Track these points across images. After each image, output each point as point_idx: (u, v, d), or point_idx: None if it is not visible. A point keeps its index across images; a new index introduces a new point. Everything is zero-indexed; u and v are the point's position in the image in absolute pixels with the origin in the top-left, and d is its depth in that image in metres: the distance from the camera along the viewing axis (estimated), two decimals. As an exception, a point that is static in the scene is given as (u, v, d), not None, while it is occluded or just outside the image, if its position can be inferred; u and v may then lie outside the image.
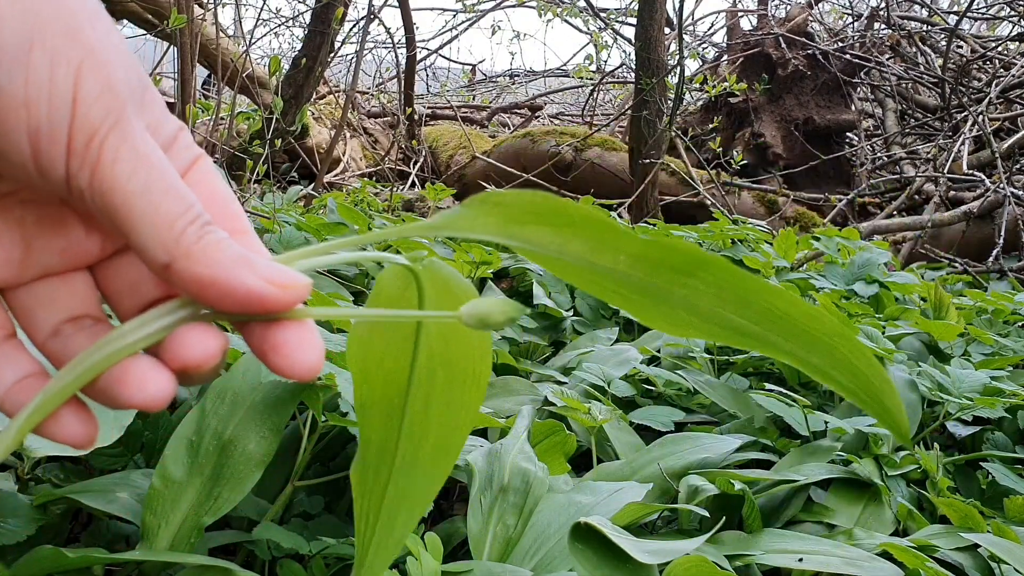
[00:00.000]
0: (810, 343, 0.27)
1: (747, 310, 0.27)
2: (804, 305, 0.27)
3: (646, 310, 0.28)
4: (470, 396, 0.34)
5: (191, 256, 0.26)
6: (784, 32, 4.11)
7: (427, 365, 0.34)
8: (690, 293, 0.27)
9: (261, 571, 0.68)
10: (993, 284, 2.45)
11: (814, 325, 0.27)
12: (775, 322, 0.27)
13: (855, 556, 0.72)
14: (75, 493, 0.63)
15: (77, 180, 0.26)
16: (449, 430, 0.35)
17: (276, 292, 0.27)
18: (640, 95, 2.96)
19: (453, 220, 0.28)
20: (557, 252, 0.27)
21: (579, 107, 5.85)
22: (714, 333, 0.28)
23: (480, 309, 0.28)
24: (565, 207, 0.27)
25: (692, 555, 0.62)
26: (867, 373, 0.28)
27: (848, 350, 0.27)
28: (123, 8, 3.42)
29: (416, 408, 0.34)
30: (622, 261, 0.27)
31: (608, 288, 0.28)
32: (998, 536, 0.79)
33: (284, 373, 0.28)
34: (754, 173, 3.87)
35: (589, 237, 0.27)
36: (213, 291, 0.26)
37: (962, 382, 1.11)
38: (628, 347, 1.26)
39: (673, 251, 0.27)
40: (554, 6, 5.32)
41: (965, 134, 3.33)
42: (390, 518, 0.36)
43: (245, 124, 2.68)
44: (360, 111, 4.82)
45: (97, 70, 0.26)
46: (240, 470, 0.64)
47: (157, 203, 0.26)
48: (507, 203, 0.27)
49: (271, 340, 0.28)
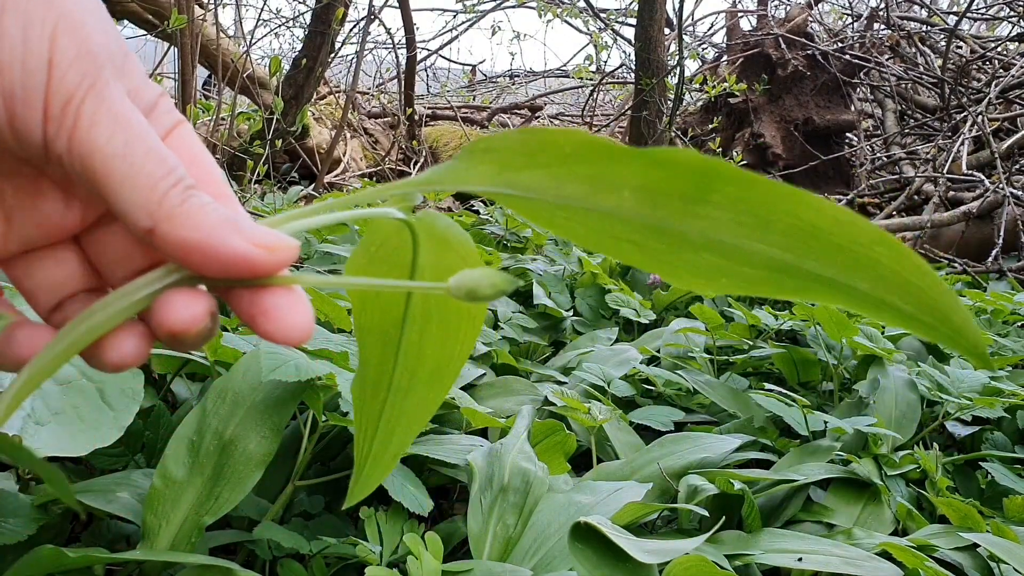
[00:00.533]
0: (851, 261, 0.23)
1: (772, 232, 0.23)
2: (831, 208, 0.23)
3: (665, 259, 0.25)
4: (465, 332, 0.34)
5: (174, 219, 0.26)
6: (784, 32, 4.11)
7: (422, 303, 0.33)
8: (707, 225, 0.24)
9: (262, 571, 0.68)
10: (992, 284, 2.46)
11: (848, 232, 0.23)
12: (805, 241, 0.23)
13: (854, 556, 0.72)
14: (76, 493, 0.63)
15: (55, 145, 0.25)
16: (444, 361, 0.35)
17: (263, 255, 0.26)
18: (640, 95, 2.96)
19: (445, 174, 0.27)
20: (555, 196, 0.25)
21: (579, 107, 5.85)
22: (747, 277, 0.24)
23: (468, 280, 0.26)
24: (556, 138, 0.25)
25: (692, 554, 0.62)
26: (922, 285, 0.23)
27: (894, 260, 0.23)
28: (123, 8, 3.42)
29: (412, 340, 0.34)
30: (626, 198, 0.24)
31: (617, 236, 0.25)
32: (997, 536, 0.79)
33: (274, 338, 0.27)
34: (754, 173, 3.86)
35: (587, 171, 0.25)
36: (198, 255, 0.26)
37: (961, 382, 1.11)
38: (628, 347, 1.26)
39: (679, 169, 0.23)
40: (554, 7, 5.32)
41: (964, 134, 3.33)
42: (386, 435, 0.37)
43: (246, 124, 2.68)
44: (360, 111, 4.82)
45: (72, 33, 0.26)
46: (241, 470, 0.65)
47: (138, 166, 0.26)
48: (499, 147, 0.26)
49: (260, 305, 0.27)
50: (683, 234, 0.24)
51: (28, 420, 0.56)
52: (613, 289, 1.51)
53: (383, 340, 0.34)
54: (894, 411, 1.08)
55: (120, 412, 0.58)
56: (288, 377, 0.65)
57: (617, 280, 1.59)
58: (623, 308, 1.45)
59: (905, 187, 3.68)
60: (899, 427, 1.06)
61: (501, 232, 1.90)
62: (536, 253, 1.80)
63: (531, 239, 1.88)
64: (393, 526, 0.69)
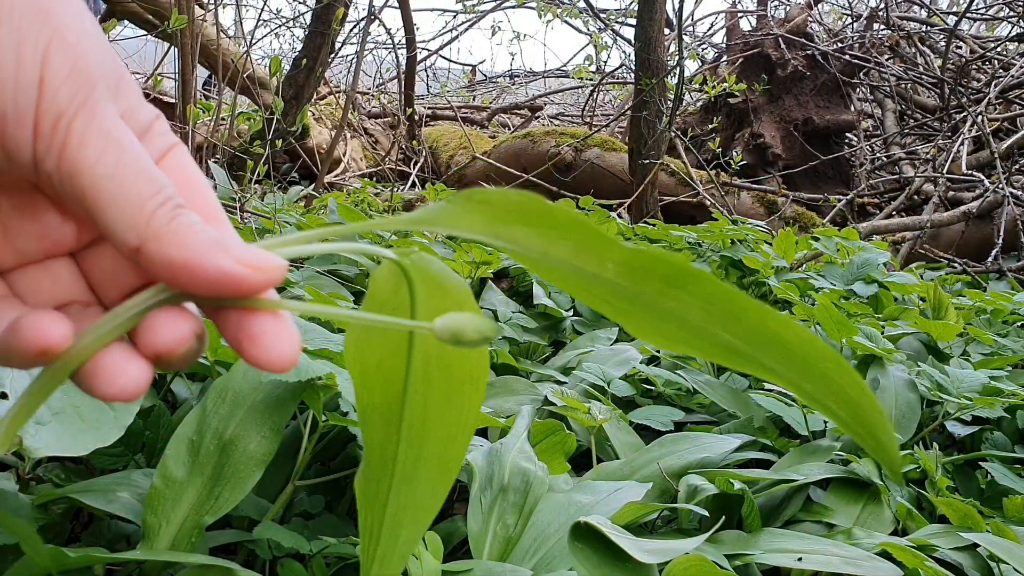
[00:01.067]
0: (803, 367, 0.26)
1: (737, 327, 0.26)
2: (796, 326, 0.26)
3: (636, 320, 0.27)
4: (468, 399, 0.33)
5: (162, 238, 0.26)
6: (783, 33, 4.11)
7: (423, 368, 0.33)
8: (679, 306, 0.26)
9: (262, 570, 0.68)
10: (992, 284, 2.46)
11: (807, 349, 0.26)
12: (766, 342, 0.26)
13: (854, 555, 0.72)
14: (76, 493, 0.63)
15: (44, 163, 0.25)
16: (449, 435, 0.34)
17: (251, 274, 0.26)
18: (640, 95, 2.96)
19: (437, 215, 0.27)
20: (541, 254, 0.27)
21: (579, 107, 5.85)
22: (706, 349, 0.27)
23: (454, 324, 0.27)
24: (550, 209, 0.26)
25: (691, 554, 0.62)
26: (860, 402, 0.27)
27: (841, 377, 0.26)
28: (124, 9, 3.42)
29: (415, 412, 0.33)
30: (609, 268, 0.26)
31: (596, 295, 0.27)
32: (997, 536, 0.79)
33: (259, 364, 0.27)
34: (753, 173, 3.87)
35: (574, 241, 0.26)
36: (185, 274, 0.26)
37: (961, 382, 1.11)
38: (628, 347, 1.26)
39: (659, 260, 0.26)
40: (554, 7, 5.32)
41: (964, 134, 3.33)
42: (393, 530, 0.35)
43: (246, 124, 2.68)
44: (360, 112, 4.82)
45: (66, 51, 0.25)
46: (241, 470, 0.65)
47: (127, 185, 0.25)
48: (492, 202, 0.26)
49: (247, 330, 0.27)
50: (657, 306, 0.27)
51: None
52: (613, 289, 1.51)
53: (385, 418, 0.34)
54: (894, 411, 1.08)
55: (120, 412, 0.58)
56: (288, 377, 0.65)
57: (617, 280, 1.59)
58: (623, 308, 1.45)
59: (905, 187, 3.68)
60: (899, 427, 1.06)
61: (501, 232, 1.90)
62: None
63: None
64: (393, 526, 0.69)
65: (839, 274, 1.65)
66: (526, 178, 3.73)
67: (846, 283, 1.62)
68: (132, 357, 0.26)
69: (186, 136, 2.24)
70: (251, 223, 1.46)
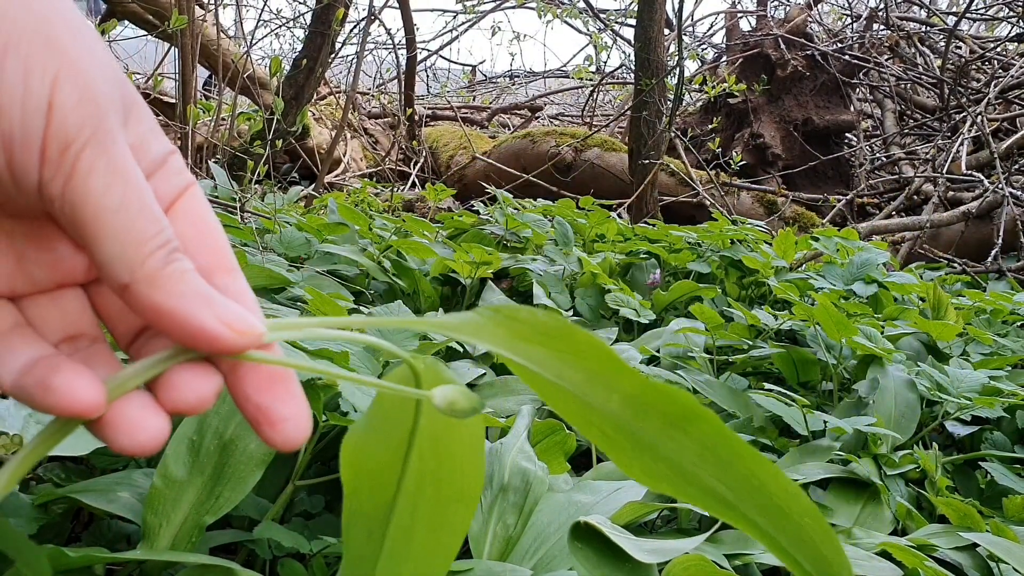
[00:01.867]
0: (781, 519, 0.27)
1: (726, 474, 0.27)
2: (785, 480, 0.27)
3: (627, 455, 0.28)
4: (458, 518, 0.33)
5: (153, 282, 0.26)
6: (783, 33, 4.11)
7: (417, 479, 0.32)
8: (675, 447, 0.27)
9: (262, 570, 0.68)
10: (992, 284, 2.46)
11: (789, 502, 0.27)
12: (751, 491, 0.27)
13: (854, 555, 0.72)
14: (76, 492, 0.63)
15: (49, 188, 0.25)
16: (433, 553, 0.33)
17: (230, 336, 0.26)
18: (640, 96, 2.96)
19: (461, 325, 0.28)
20: (555, 376, 0.27)
21: (579, 108, 5.85)
22: (688, 493, 0.28)
23: (450, 394, 0.28)
24: (573, 332, 0.27)
25: (691, 554, 0.62)
26: (831, 559, 0.27)
27: (817, 534, 0.27)
28: (124, 9, 3.42)
29: (401, 526, 0.32)
30: (614, 400, 0.27)
31: (594, 423, 0.28)
32: (997, 535, 0.79)
33: (276, 447, 0.28)
34: (753, 173, 3.87)
35: (589, 366, 0.27)
36: (167, 321, 0.26)
37: (961, 382, 1.11)
38: (628, 347, 1.26)
39: (667, 398, 0.26)
40: (554, 7, 5.32)
41: (964, 134, 3.33)
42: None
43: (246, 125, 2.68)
44: (361, 112, 4.82)
45: (75, 79, 0.25)
46: (241, 469, 0.65)
47: (129, 222, 0.26)
48: (519, 319, 0.27)
49: (267, 415, 0.28)
50: (652, 445, 0.27)
51: (29, 420, 0.56)
52: (613, 289, 1.51)
53: (369, 529, 0.33)
54: (893, 411, 1.08)
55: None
56: (288, 377, 0.65)
57: (617, 280, 1.59)
58: (623, 308, 1.45)
59: (904, 187, 3.68)
60: (898, 427, 1.06)
61: (501, 232, 1.90)
62: (536, 253, 1.81)
63: (531, 239, 1.88)
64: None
65: (839, 274, 1.65)
66: (526, 178, 3.73)
67: (846, 283, 1.62)
68: (152, 411, 0.26)
69: (186, 136, 2.24)
70: (251, 223, 1.46)
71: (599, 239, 2.01)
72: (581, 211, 2.15)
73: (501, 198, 2.04)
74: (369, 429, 0.32)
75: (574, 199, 2.27)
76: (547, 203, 2.27)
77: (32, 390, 0.25)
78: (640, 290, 1.73)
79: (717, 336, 1.31)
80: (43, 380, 0.25)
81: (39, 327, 0.29)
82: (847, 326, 1.16)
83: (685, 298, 1.63)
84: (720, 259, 1.81)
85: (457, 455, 0.32)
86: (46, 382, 0.25)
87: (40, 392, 0.25)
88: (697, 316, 1.32)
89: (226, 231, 1.43)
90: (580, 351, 0.27)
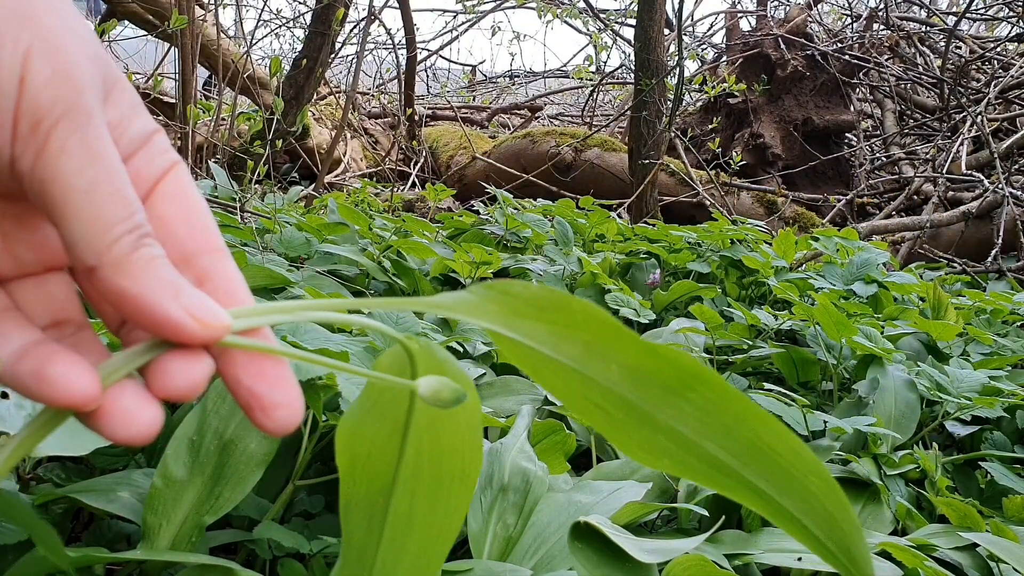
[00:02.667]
0: (786, 482, 0.26)
1: (729, 439, 0.26)
2: (791, 439, 0.26)
3: (626, 431, 0.27)
4: (456, 498, 0.32)
5: (118, 266, 0.25)
6: (783, 33, 4.11)
7: (414, 462, 0.32)
8: (675, 415, 0.26)
9: (262, 570, 0.68)
10: (992, 284, 2.46)
11: (795, 461, 0.26)
12: (755, 455, 0.26)
13: (854, 555, 0.72)
14: (76, 492, 0.63)
15: (20, 164, 0.25)
16: (433, 536, 0.33)
17: (193, 327, 0.26)
18: (640, 96, 2.96)
19: (455, 303, 0.28)
20: (551, 350, 0.27)
21: (579, 108, 5.85)
22: (689, 465, 0.27)
23: (435, 384, 0.28)
24: (569, 302, 0.26)
25: (691, 554, 0.62)
26: (839, 517, 0.27)
27: (823, 492, 0.26)
28: (124, 9, 3.42)
29: (400, 509, 0.32)
30: (613, 370, 0.26)
31: (592, 401, 0.27)
32: (997, 535, 0.79)
33: (267, 431, 0.28)
34: (753, 173, 3.87)
35: (586, 337, 0.26)
36: (131, 307, 0.26)
37: (961, 382, 1.11)
38: (628, 347, 1.26)
39: (669, 363, 0.26)
40: (554, 7, 5.33)
41: (964, 134, 3.33)
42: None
43: (246, 125, 2.68)
44: (361, 112, 4.82)
45: (49, 55, 0.25)
46: (241, 469, 0.65)
47: (98, 205, 0.25)
48: (512, 293, 0.27)
49: (260, 400, 0.28)
50: (651, 416, 0.27)
51: (29, 420, 0.56)
52: (613, 289, 1.51)
53: (369, 513, 0.32)
54: (893, 411, 1.08)
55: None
56: (288, 377, 0.65)
57: (617, 280, 1.59)
58: (623, 308, 1.45)
59: (904, 187, 3.68)
60: (898, 427, 1.06)
61: (501, 232, 1.90)
62: (536, 253, 1.81)
63: (531, 239, 1.88)
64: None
65: (839, 274, 1.65)
66: (526, 178, 3.73)
67: (846, 283, 1.62)
68: (145, 400, 0.26)
69: (186, 136, 2.24)
70: (251, 223, 1.46)
71: (599, 239, 2.01)
72: (581, 211, 2.15)
73: (501, 198, 2.04)
74: (364, 412, 0.31)
75: (574, 199, 2.27)
76: (547, 203, 2.27)
77: (27, 379, 0.25)
78: (640, 290, 1.73)
79: (717, 336, 1.31)
80: (38, 370, 0.25)
81: (26, 312, 0.28)
82: (847, 326, 1.16)
83: (685, 298, 1.63)
84: (720, 259, 1.81)
85: (454, 433, 0.31)
86: (41, 372, 0.25)
87: (35, 382, 0.25)
88: (697, 316, 1.32)
89: (226, 231, 1.42)
90: (576, 322, 0.26)
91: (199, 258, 0.29)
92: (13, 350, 0.26)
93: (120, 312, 0.26)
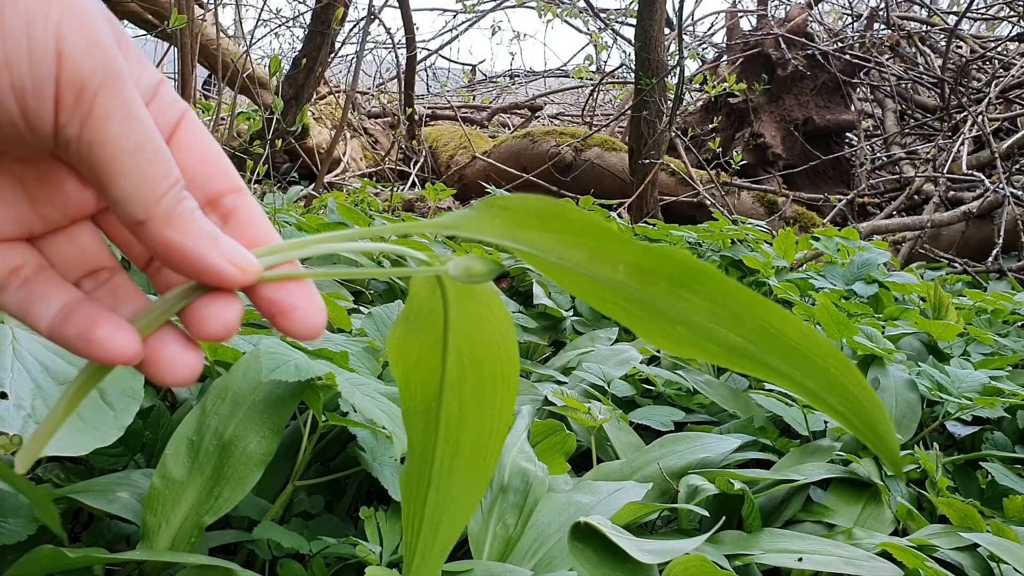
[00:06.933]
0: (804, 364, 0.27)
1: (742, 327, 0.27)
2: (797, 322, 0.27)
3: (643, 323, 0.28)
4: (501, 397, 0.35)
5: (167, 219, 0.28)
6: (784, 33, 4.11)
7: (457, 367, 0.34)
8: (686, 307, 0.27)
9: (261, 571, 0.68)
10: (992, 284, 2.46)
11: (808, 344, 0.27)
12: (769, 340, 0.27)
13: (854, 555, 0.72)
14: (76, 493, 0.63)
15: (65, 131, 0.26)
16: (483, 432, 0.35)
17: (234, 272, 0.28)
18: (640, 95, 2.96)
19: (460, 221, 0.29)
20: (558, 258, 0.28)
21: (579, 107, 5.85)
22: (710, 351, 0.28)
23: (464, 263, 0.30)
24: (567, 212, 0.27)
25: (692, 554, 0.62)
26: (859, 396, 0.27)
27: (842, 373, 0.27)
28: (123, 8, 3.42)
29: (451, 411, 0.35)
30: (620, 271, 0.27)
31: (607, 299, 0.28)
32: (997, 536, 0.79)
33: (294, 335, 0.30)
34: (754, 173, 3.87)
35: (588, 243, 0.27)
36: (178, 257, 0.28)
37: (962, 382, 1.11)
38: (628, 347, 1.26)
39: (668, 259, 0.27)
40: (554, 7, 5.32)
41: (964, 134, 3.33)
42: (433, 526, 0.37)
43: (245, 124, 2.68)
44: (360, 111, 4.82)
45: (80, 24, 0.26)
46: (240, 470, 0.64)
47: (145, 164, 0.27)
48: (512, 207, 0.28)
49: (280, 305, 0.29)
50: (664, 310, 0.28)
51: (29, 420, 0.56)
52: (613, 289, 1.51)
53: (425, 418, 0.35)
54: (894, 411, 1.08)
55: (120, 412, 0.58)
56: (288, 377, 0.65)
57: (617, 280, 1.59)
58: (623, 308, 1.45)
59: (905, 187, 3.68)
60: (899, 427, 1.06)
61: (501, 232, 1.90)
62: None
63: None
64: (393, 526, 0.69)
65: (839, 274, 1.65)
66: (526, 178, 3.73)
67: (846, 283, 1.62)
68: (186, 347, 0.29)
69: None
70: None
71: (599, 239, 2.00)
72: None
73: (501, 198, 2.04)
74: (407, 327, 0.34)
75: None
76: (547, 203, 2.26)
77: (75, 341, 0.28)
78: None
79: (717, 336, 1.31)
80: (84, 333, 0.28)
81: (61, 266, 0.30)
82: (848, 326, 1.16)
83: (685, 298, 1.62)
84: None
85: (490, 340, 0.33)
86: (88, 335, 0.27)
87: (83, 344, 0.28)
88: (697, 316, 1.32)
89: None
90: (577, 230, 0.27)
91: (223, 199, 0.32)
92: (56, 311, 0.28)
93: (165, 261, 0.28)
